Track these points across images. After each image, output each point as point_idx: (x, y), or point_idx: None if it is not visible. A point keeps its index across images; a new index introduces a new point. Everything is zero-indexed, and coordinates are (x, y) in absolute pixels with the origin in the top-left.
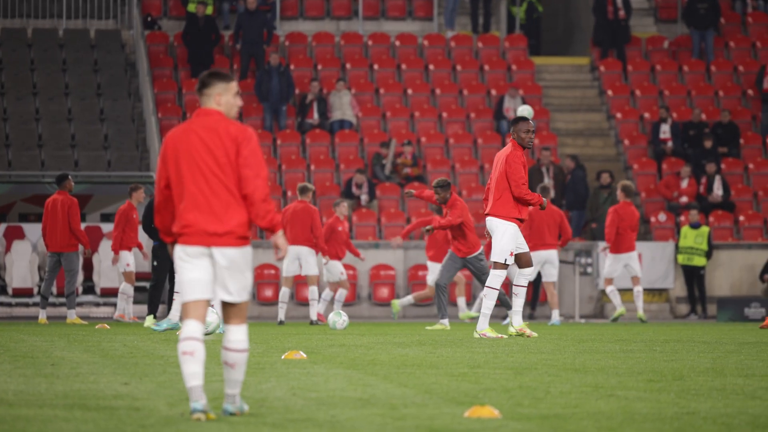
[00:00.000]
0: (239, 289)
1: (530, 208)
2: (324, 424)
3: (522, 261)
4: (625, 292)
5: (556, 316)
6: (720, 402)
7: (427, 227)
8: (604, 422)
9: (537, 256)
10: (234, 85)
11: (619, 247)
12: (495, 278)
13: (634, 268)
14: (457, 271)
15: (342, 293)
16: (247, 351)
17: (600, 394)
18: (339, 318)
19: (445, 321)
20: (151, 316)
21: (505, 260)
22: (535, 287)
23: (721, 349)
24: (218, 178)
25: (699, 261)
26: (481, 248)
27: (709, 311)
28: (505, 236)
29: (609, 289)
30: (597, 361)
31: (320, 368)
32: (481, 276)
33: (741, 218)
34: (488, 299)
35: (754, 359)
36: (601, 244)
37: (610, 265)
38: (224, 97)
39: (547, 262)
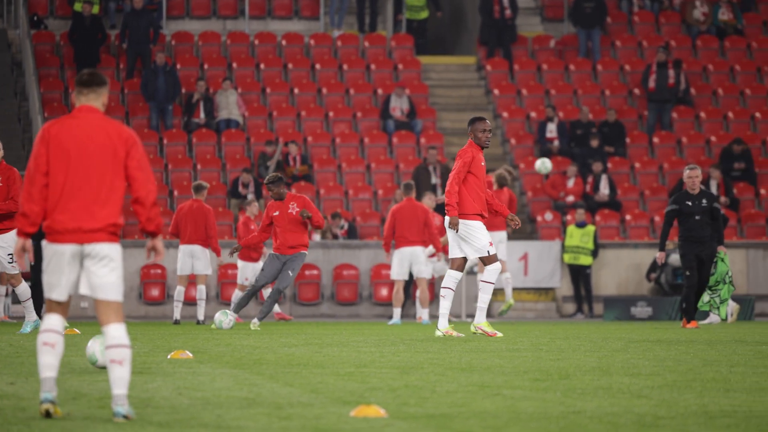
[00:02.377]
0: (112, 286)
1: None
2: (210, 423)
3: (456, 263)
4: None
5: (425, 315)
6: (606, 401)
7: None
8: (490, 421)
9: (401, 253)
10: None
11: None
12: (490, 273)
13: (501, 252)
14: (278, 272)
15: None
16: (130, 348)
17: (486, 393)
18: (225, 317)
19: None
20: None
21: (488, 252)
22: (407, 285)
23: (608, 348)
24: (99, 176)
25: (585, 260)
26: (303, 252)
27: (595, 310)
28: (476, 234)
29: (504, 276)
30: (483, 360)
31: (206, 368)
32: (280, 278)
33: (627, 217)
34: (484, 293)
35: (640, 358)
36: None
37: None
38: (106, 98)
39: (413, 259)
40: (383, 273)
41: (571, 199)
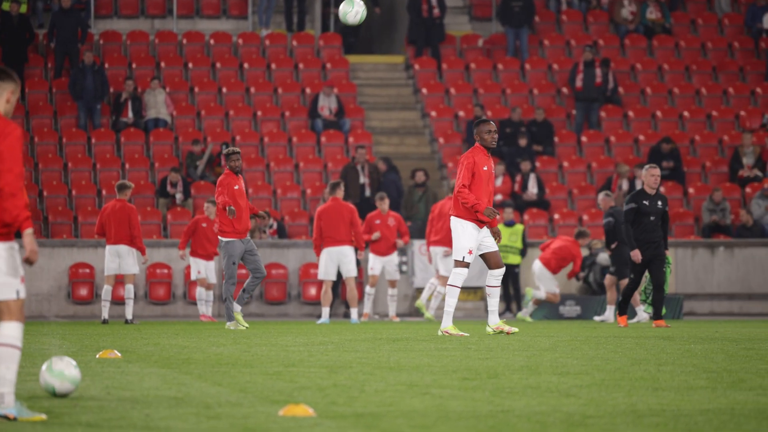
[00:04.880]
0: None
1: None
2: (138, 423)
3: (491, 262)
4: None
5: (354, 314)
6: (534, 400)
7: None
8: (419, 420)
9: (328, 252)
10: (4, 85)
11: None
12: (456, 276)
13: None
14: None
15: (201, 292)
16: (13, 348)
17: (414, 393)
18: (350, 8)
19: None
20: None
21: (464, 258)
22: (336, 285)
23: (536, 347)
24: None
25: (514, 259)
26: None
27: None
28: (463, 235)
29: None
30: (412, 359)
31: (135, 367)
32: (257, 267)
33: (556, 216)
34: (450, 297)
35: (569, 357)
36: (417, 243)
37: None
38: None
39: (341, 258)
40: (312, 272)
41: (499, 198)
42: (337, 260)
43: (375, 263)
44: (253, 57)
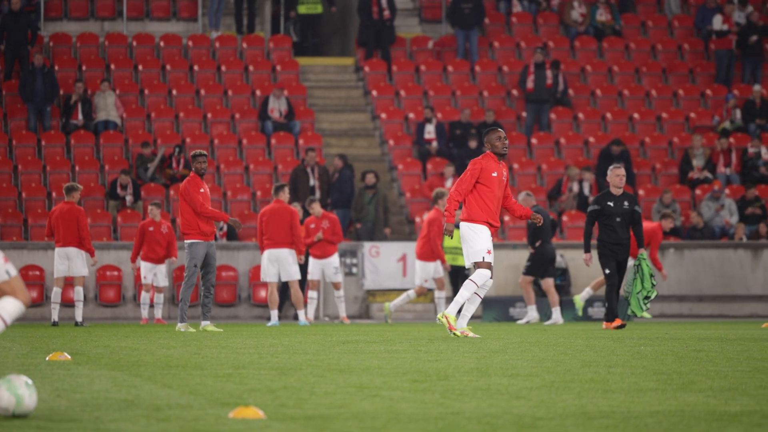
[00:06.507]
0: None
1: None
2: (88, 425)
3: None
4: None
5: (302, 316)
6: (484, 402)
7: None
8: (369, 422)
9: (269, 254)
10: None
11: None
12: (480, 275)
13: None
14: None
15: (145, 296)
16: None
17: (365, 395)
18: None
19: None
20: None
21: (483, 258)
22: (284, 287)
23: (486, 349)
24: None
25: (464, 261)
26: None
27: (474, 311)
28: (477, 238)
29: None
30: (362, 361)
31: (85, 369)
32: (211, 274)
33: (506, 218)
34: (465, 290)
35: (519, 359)
36: (368, 245)
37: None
38: None
39: (281, 261)
40: None
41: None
42: (276, 262)
43: (314, 267)
44: (203, 59)
